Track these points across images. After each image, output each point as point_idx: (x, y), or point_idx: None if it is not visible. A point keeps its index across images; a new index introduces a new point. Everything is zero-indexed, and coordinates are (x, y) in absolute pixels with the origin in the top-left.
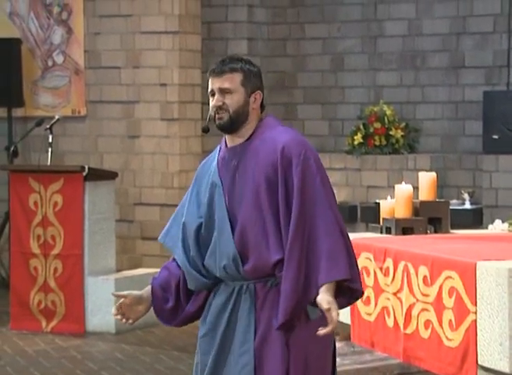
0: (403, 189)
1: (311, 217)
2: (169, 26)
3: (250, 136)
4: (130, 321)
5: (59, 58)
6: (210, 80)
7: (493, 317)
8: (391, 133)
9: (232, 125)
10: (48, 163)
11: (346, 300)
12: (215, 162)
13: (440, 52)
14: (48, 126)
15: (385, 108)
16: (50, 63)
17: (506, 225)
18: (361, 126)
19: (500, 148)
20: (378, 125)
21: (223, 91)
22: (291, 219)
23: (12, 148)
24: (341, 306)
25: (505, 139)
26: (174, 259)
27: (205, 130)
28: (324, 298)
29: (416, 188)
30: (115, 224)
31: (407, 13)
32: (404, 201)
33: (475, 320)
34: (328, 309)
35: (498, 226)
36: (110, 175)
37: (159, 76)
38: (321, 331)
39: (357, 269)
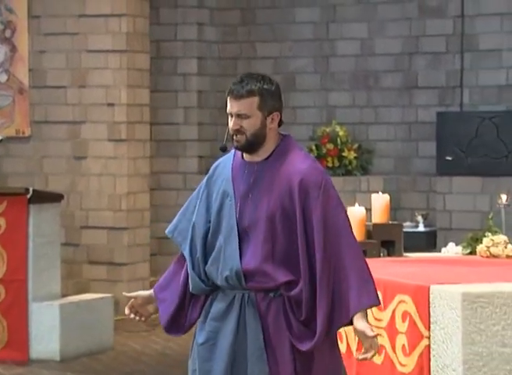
0: (356, 211)
1: (337, 248)
2: (117, 44)
3: (269, 155)
4: (143, 318)
5: (3, 77)
6: (228, 101)
7: (447, 342)
8: (344, 154)
9: (250, 147)
10: None
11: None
12: (229, 170)
13: (393, 72)
14: None
15: (337, 128)
16: None
17: (459, 248)
18: (314, 147)
19: (454, 170)
20: (330, 146)
21: (240, 116)
22: (317, 253)
23: None
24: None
25: (459, 161)
26: (178, 259)
27: (223, 150)
28: (365, 325)
29: (369, 210)
30: (61, 248)
31: (359, 33)
32: (357, 223)
33: (429, 345)
34: (374, 336)
35: (451, 250)
36: (55, 197)
37: (106, 95)
38: (364, 356)
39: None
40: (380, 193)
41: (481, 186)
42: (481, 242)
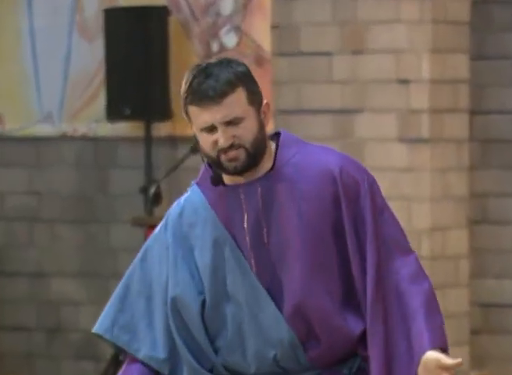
0: None
1: (393, 265)
2: None
3: (273, 163)
4: None
5: (231, 39)
6: (198, 113)
7: None
8: None
9: (253, 163)
10: None
11: None
12: (209, 209)
13: None
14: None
15: None
16: (215, 47)
17: None
18: None
19: None
20: None
21: (231, 123)
22: (369, 274)
23: (152, 189)
24: None
25: None
26: (130, 362)
27: (218, 183)
28: (438, 355)
29: None
30: None
31: None
32: None
33: None
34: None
35: None
36: None
37: (396, 66)
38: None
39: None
40: None
41: None
42: None
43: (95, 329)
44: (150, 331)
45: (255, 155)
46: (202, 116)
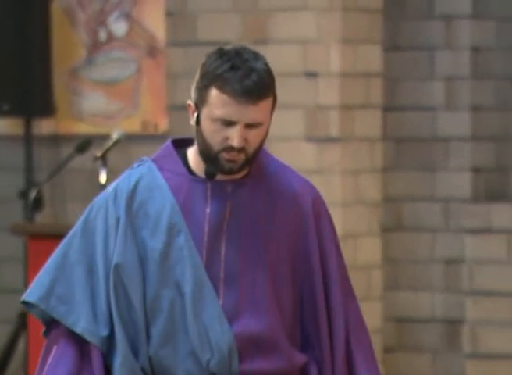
0: None
1: (350, 311)
2: None
3: (248, 171)
4: None
5: (120, 27)
6: (226, 101)
7: None
8: None
9: (244, 169)
10: None
11: None
12: (168, 192)
13: None
14: (98, 155)
15: None
16: (103, 36)
17: None
18: None
19: None
20: None
21: (251, 126)
22: (337, 317)
23: (33, 194)
24: None
25: None
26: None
27: (213, 176)
28: None
29: None
30: None
31: None
32: None
33: None
34: None
35: None
36: None
37: (303, 59)
38: None
39: None
40: None
41: None
42: None
43: (26, 297)
44: (90, 304)
45: (251, 162)
46: (230, 108)
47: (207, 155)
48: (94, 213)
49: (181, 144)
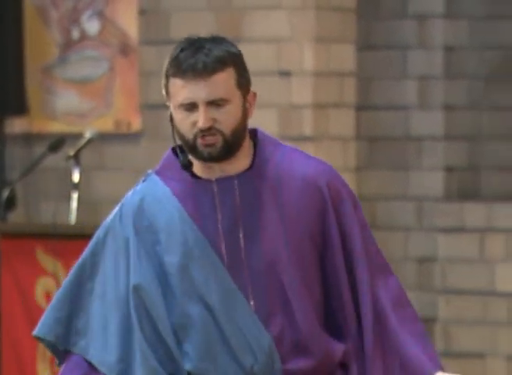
0: None
1: (377, 287)
2: None
3: (253, 160)
4: None
5: (93, 26)
6: (179, 86)
7: None
8: None
9: (229, 152)
10: (72, 221)
11: None
12: (175, 203)
13: None
14: (71, 154)
15: None
16: (75, 35)
17: None
18: None
19: None
20: None
21: (213, 103)
22: (363, 300)
23: (5, 193)
24: None
25: None
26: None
27: (188, 166)
28: None
29: None
30: None
31: None
32: None
33: None
34: None
35: None
36: None
37: (277, 57)
38: None
39: None
40: None
41: None
42: None
43: (42, 333)
44: (103, 332)
45: (232, 145)
46: (185, 90)
47: (186, 146)
48: (103, 235)
49: (182, 150)
